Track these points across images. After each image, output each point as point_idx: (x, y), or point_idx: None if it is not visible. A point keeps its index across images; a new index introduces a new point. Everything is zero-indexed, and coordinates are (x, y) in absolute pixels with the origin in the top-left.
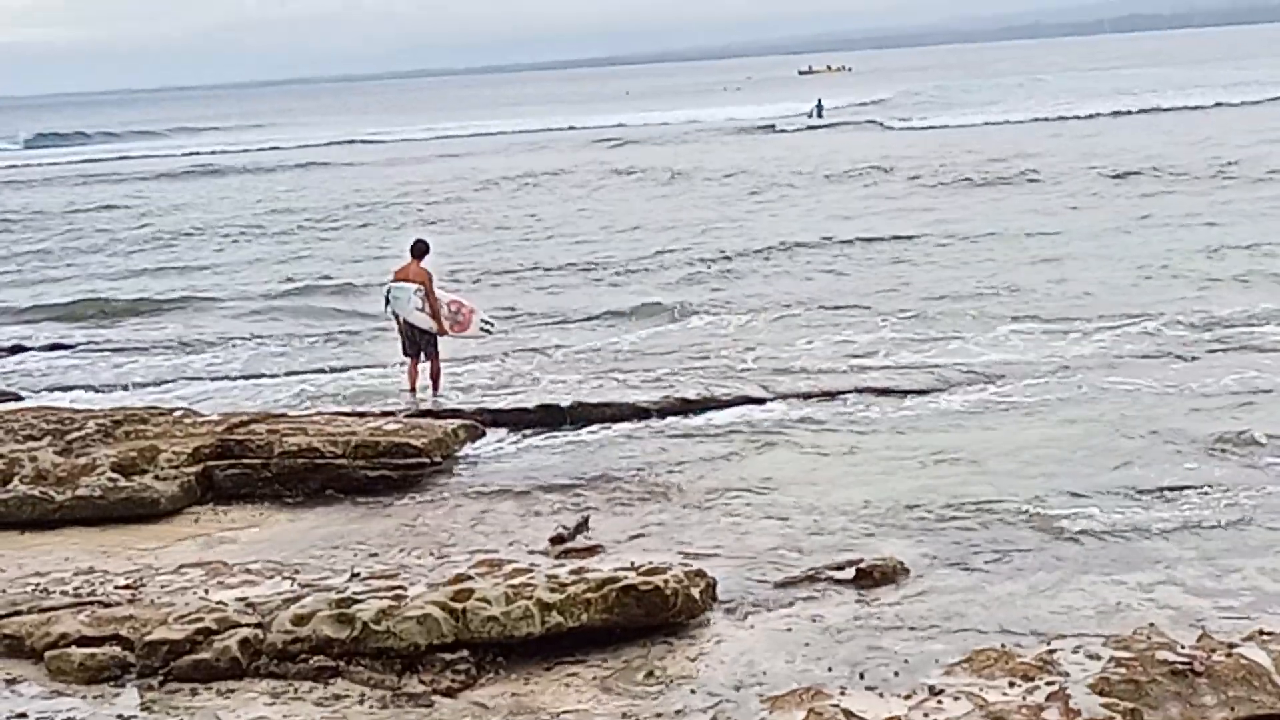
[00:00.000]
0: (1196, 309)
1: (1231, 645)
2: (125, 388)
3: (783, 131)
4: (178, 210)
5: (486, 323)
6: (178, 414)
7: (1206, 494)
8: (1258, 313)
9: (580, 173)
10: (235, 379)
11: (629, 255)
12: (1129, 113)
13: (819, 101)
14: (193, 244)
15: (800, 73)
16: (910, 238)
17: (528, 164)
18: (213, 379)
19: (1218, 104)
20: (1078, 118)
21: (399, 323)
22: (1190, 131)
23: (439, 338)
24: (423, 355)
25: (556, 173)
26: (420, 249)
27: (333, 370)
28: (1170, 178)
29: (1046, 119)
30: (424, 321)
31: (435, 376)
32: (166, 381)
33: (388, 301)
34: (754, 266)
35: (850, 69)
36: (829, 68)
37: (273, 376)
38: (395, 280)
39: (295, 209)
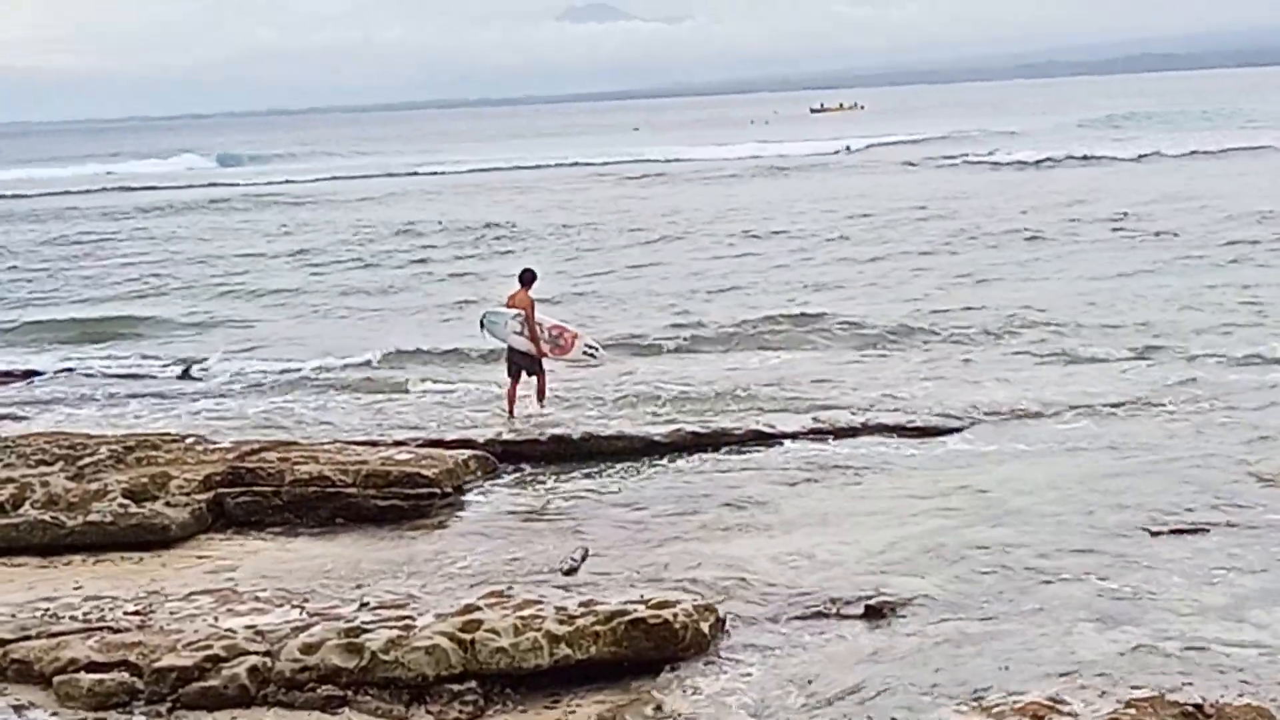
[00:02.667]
0: (1216, 348)
1: (1243, 689)
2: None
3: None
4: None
5: (591, 347)
6: (189, 441)
7: (1223, 537)
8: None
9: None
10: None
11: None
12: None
13: (848, 145)
14: None
15: (812, 110)
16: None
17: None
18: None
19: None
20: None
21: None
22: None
23: (543, 359)
24: (524, 375)
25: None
26: (528, 277)
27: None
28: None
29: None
30: (523, 344)
31: (540, 392)
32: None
33: (483, 326)
34: (786, 301)
35: (863, 107)
36: (841, 105)
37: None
38: (505, 306)
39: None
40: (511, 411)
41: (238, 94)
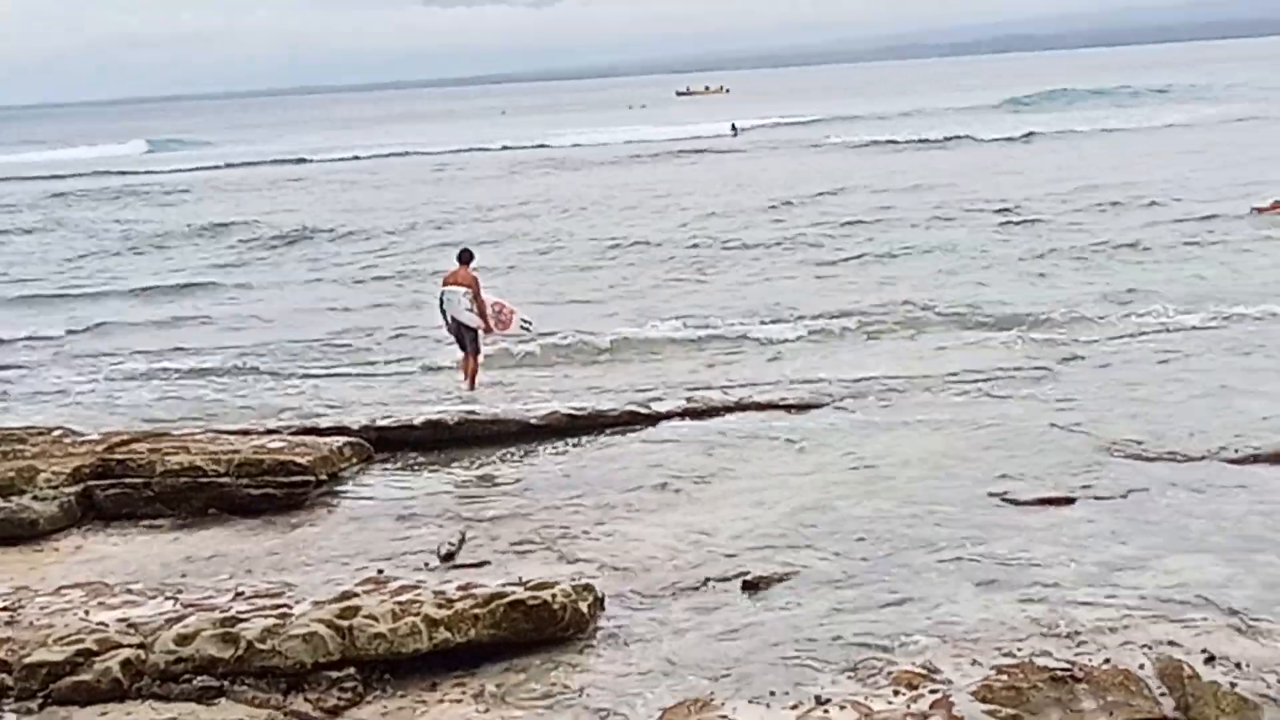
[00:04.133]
0: (1077, 317)
1: (1109, 653)
2: None
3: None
4: None
5: (526, 322)
6: (57, 433)
7: (1088, 507)
8: (1141, 322)
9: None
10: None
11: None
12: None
13: (733, 124)
14: None
15: (678, 93)
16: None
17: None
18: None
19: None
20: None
21: (449, 323)
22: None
23: (482, 336)
24: (469, 349)
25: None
26: (466, 256)
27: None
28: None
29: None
30: (473, 320)
31: (473, 373)
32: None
33: (442, 304)
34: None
35: (728, 90)
36: (706, 88)
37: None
38: (445, 285)
39: None
40: (472, 384)
41: (98, 82)
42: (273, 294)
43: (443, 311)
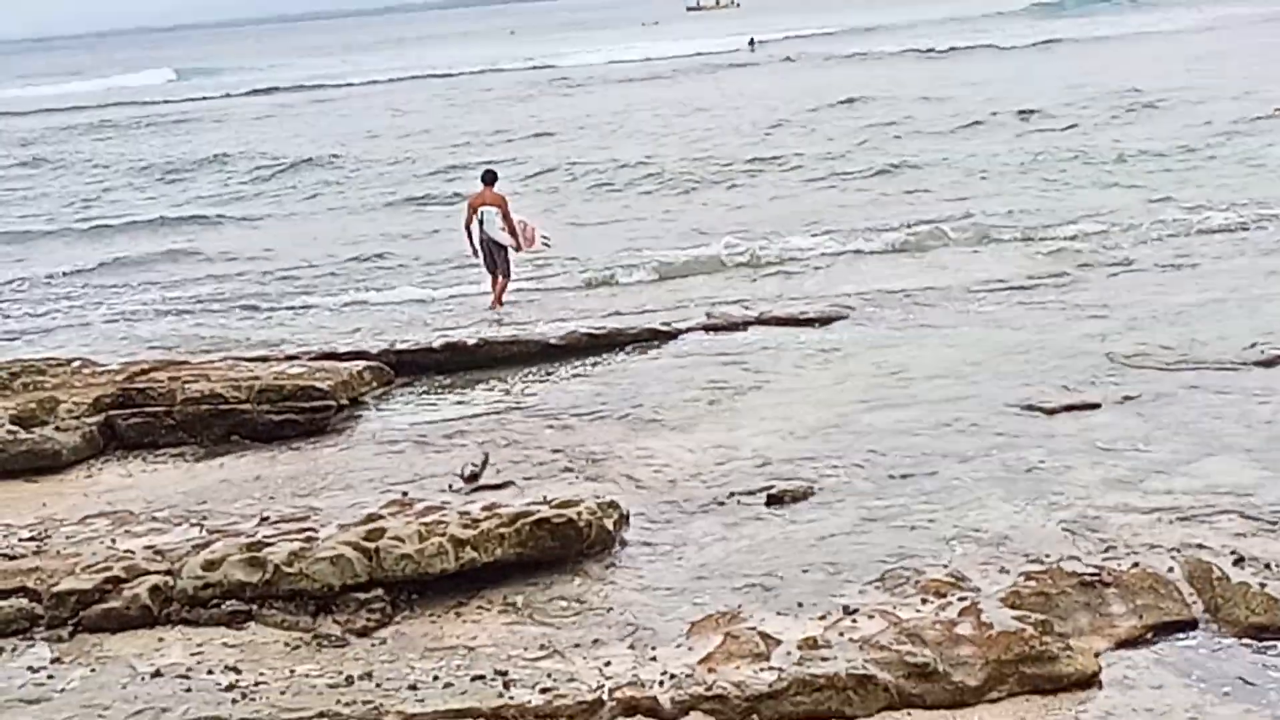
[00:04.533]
0: (1102, 223)
1: (1138, 556)
2: None
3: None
4: None
5: (546, 238)
6: (76, 364)
7: (1114, 413)
8: (1167, 226)
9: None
10: None
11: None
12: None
13: (751, 39)
14: None
15: (689, 9)
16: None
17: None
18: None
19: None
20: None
21: (475, 243)
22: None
23: (512, 255)
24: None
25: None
26: (490, 177)
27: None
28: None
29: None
30: (505, 239)
31: (500, 293)
32: None
33: (481, 223)
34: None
35: (739, 4)
36: (717, 3)
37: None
38: (478, 207)
39: None
40: (498, 301)
41: (103, 12)
42: (290, 221)
43: (469, 233)
